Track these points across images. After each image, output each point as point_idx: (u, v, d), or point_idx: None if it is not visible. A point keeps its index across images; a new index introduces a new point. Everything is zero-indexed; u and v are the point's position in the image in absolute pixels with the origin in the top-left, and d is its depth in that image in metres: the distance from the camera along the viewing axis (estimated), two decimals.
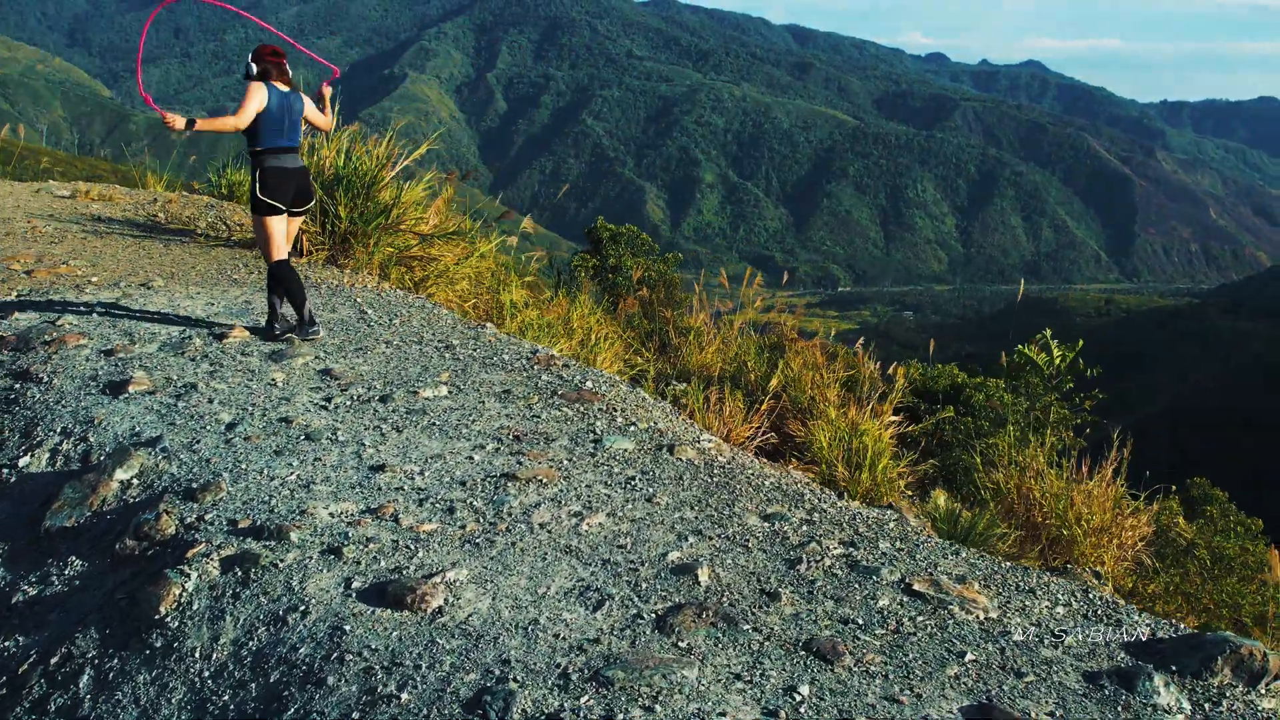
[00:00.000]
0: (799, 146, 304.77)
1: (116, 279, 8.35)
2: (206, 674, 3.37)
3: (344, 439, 5.05)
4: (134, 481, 4.61)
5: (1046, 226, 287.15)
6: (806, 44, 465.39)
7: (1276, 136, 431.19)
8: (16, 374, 5.99)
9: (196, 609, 3.63)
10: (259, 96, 6.41)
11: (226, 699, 3.26)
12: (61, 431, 5.23)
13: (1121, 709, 3.10)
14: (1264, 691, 3.24)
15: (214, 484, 4.43)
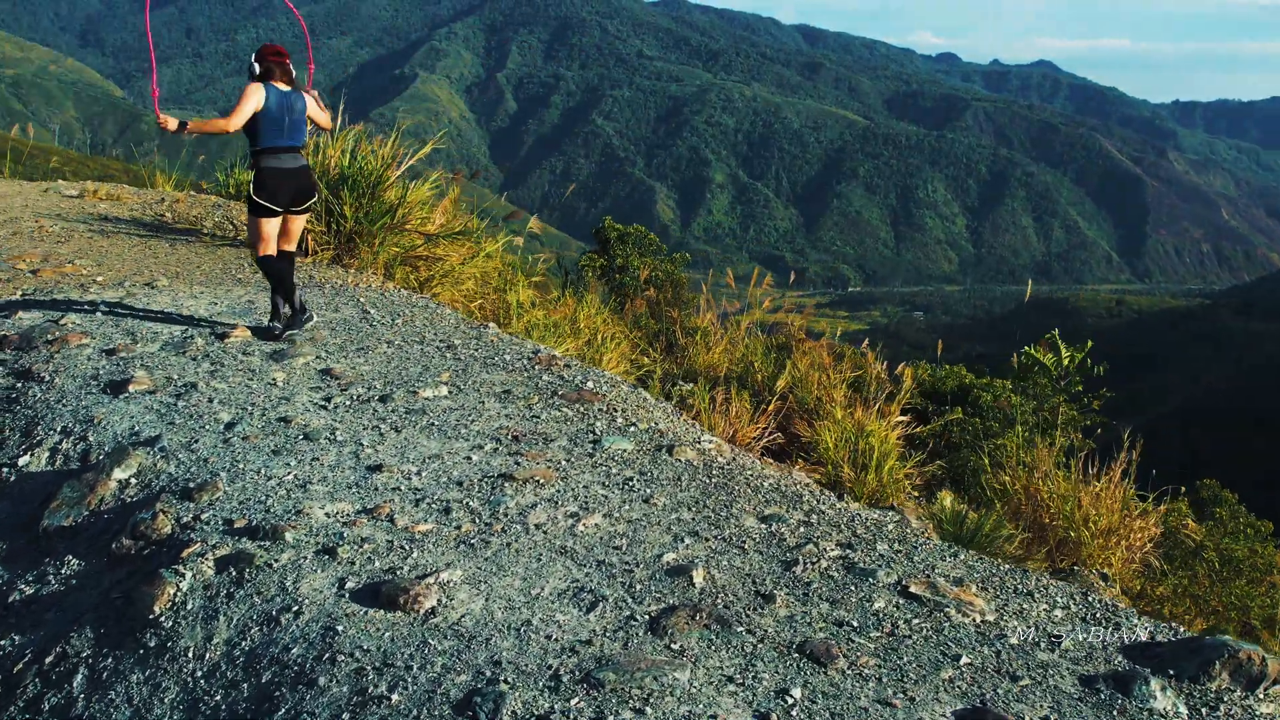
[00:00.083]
0: (809, 147, 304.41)
1: (121, 278, 8.36)
2: (199, 674, 3.37)
3: (342, 439, 5.04)
4: (132, 481, 4.61)
5: (1058, 227, 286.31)
6: (816, 44, 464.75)
7: None
8: (19, 373, 6.00)
9: (190, 609, 3.63)
10: (255, 98, 6.42)
11: (218, 699, 3.25)
12: (62, 431, 5.24)
13: (1117, 713, 3.07)
14: (1262, 696, 3.21)
15: (211, 483, 4.43)
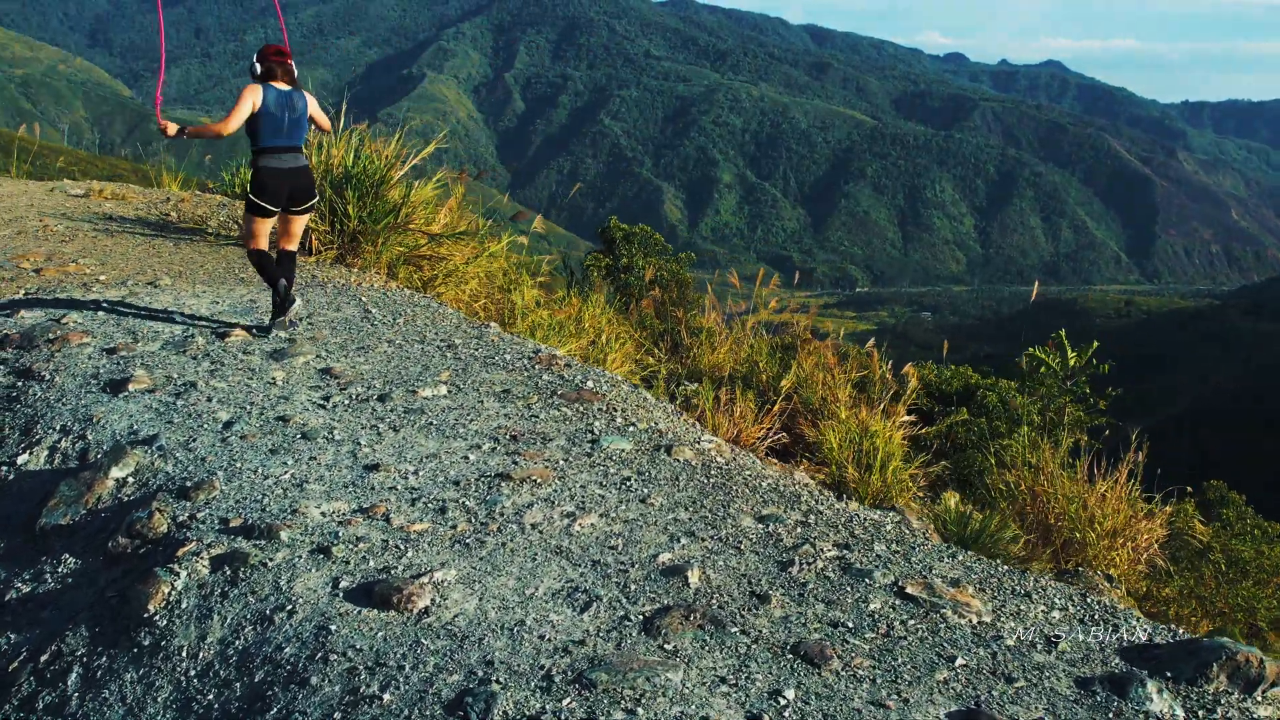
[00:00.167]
0: (817, 147, 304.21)
1: (124, 277, 8.38)
2: (192, 673, 3.37)
3: (340, 438, 5.04)
4: (129, 480, 4.61)
5: (1066, 227, 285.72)
6: (824, 44, 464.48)
7: None
8: (19, 372, 6.01)
9: (185, 608, 3.62)
10: (250, 100, 6.46)
11: (211, 698, 3.25)
12: (61, 429, 5.24)
13: (1113, 715, 3.05)
14: (1260, 699, 3.18)
15: (208, 482, 4.42)
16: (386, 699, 3.01)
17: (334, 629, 3.36)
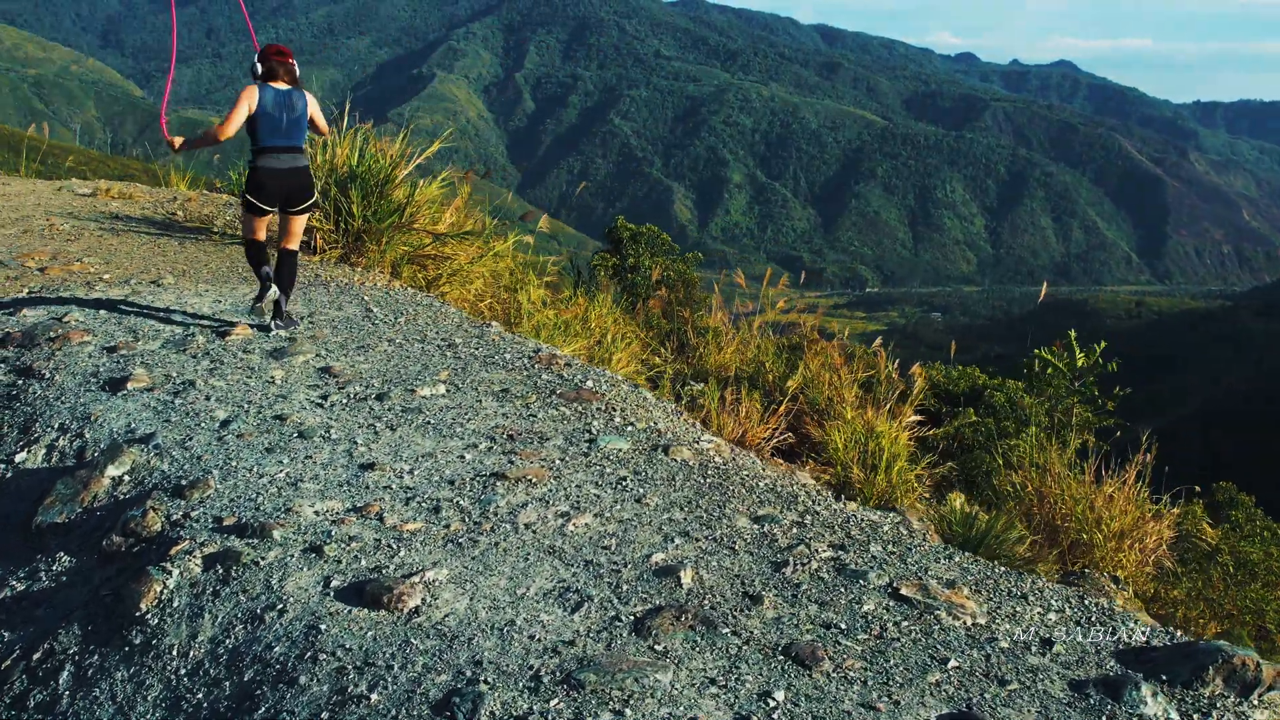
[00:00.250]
0: (827, 147, 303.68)
1: (128, 276, 8.39)
2: (182, 672, 3.36)
3: (336, 437, 5.03)
4: (125, 478, 4.61)
5: (1077, 227, 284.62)
6: (835, 44, 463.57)
7: None
8: (20, 370, 6.02)
9: (176, 606, 3.62)
10: (246, 103, 6.52)
11: (200, 697, 3.24)
12: (59, 428, 5.24)
13: (1106, 719, 3.02)
14: (1256, 702, 3.15)
15: (203, 481, 4.42)
16: (374, 699, 3.00)
17: (324, 628, 3.35)
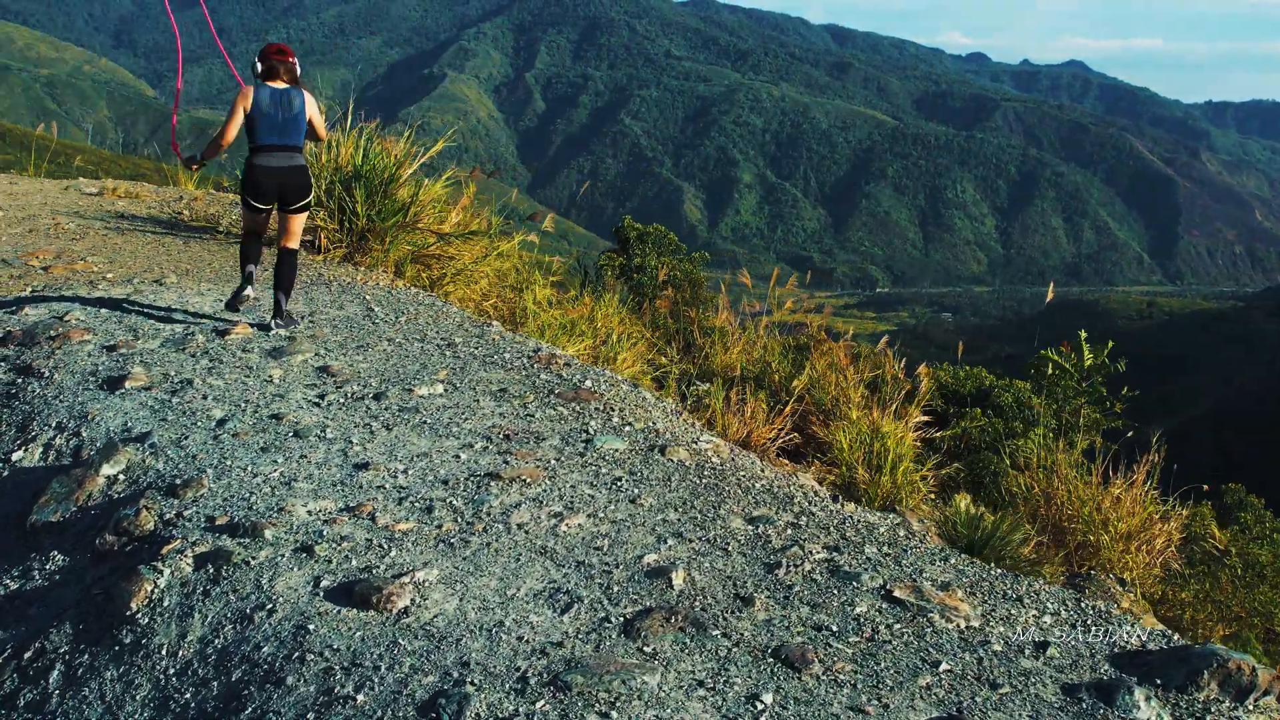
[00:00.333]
0: (838, 147, 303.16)
1: (131, 275, 8.40)
2: (171, 671, 3.35)
3: (332, 436, 5.02)
4: (120, 477, 4.61)
5: (1088, 228, 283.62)
6: (845, 44, 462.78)
7: None
8: (20, 369, 6.03)
9: (167, 605, 3.61)
10: (240, 107, 6.61)
11: (188, 697, 3.23)
12: (56, 426, 5.25)
13: None
14: (1251, 707, 3.11)
15: (197, 480, 4.41)
16: (360, 700, 2.98)
17: (312, 628, 3.34)
